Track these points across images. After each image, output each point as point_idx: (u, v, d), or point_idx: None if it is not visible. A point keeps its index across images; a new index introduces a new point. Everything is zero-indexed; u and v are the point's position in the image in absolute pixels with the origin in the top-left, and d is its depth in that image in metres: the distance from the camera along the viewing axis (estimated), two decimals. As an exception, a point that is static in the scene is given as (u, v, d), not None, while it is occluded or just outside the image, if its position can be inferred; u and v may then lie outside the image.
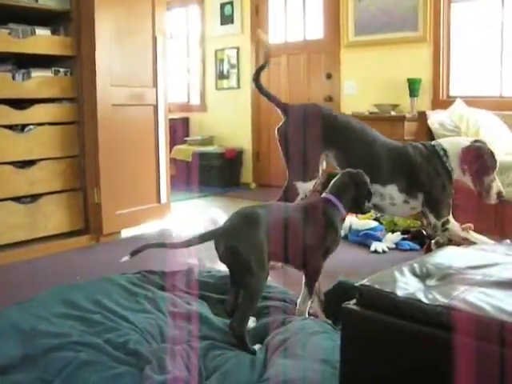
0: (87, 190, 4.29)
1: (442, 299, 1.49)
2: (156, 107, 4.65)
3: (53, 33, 4.16)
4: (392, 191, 3.41)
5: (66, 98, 4.20)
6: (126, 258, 2.22)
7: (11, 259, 3.74)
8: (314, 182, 3.49)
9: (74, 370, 1.90)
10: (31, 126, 4.00)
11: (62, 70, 4.19)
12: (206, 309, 2.50)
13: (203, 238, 2.25)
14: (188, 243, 2.26)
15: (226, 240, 2.18)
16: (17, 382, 1.84)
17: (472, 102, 4.97)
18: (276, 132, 3.52)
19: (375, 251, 3.98)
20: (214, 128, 7.46)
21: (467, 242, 3.30)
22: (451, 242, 3.43)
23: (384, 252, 3.97)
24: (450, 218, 3.40)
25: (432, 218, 3.40)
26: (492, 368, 1.36)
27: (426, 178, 3.36)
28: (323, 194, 2.52)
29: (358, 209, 2.58)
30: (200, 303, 2.56)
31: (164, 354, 1.98)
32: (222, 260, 2.23)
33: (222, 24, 7.33)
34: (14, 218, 3.87)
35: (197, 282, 2.76)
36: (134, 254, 2.22)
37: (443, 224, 3.38)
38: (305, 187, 3.46)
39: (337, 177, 2.55)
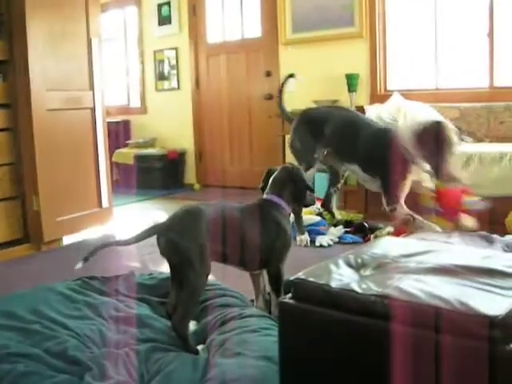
0: (26, 197, 4.19)
1: (375, 288, 1.51)
2: (93, 110, 4.57)
3: (-17, 38, 4.04)
4: (356, 169, 3.82)
5: (-1, 104, 4.10)
6: (79, 265, 2.17)
7: None
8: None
9: (12, 382, 1.84)
10: (-37, 134, 3.89)
11: (-6, 75, 4.08)
12: (148, 311, 2.48)
13: (148, 233, 2.24)
14: (135, 239, 2.24)
15: (168, 234, 2.18)
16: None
17: (409, 95, 5.08)
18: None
19: (320, 245, 4.01)
20: (156, 130, 7.39)
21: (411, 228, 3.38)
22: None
23: (329, 245, 4.01)
24: (399, 206, 3.47)
25: (384, 202, 3.49)
26: (428, 355, 1.38)
27: (378, 163, 3.47)
28: (264, 195, 2.52)
29: (300, 202, 2.60)
30: (141, 306, 2.53)
31: (104, 360, 1.94)
32: (163, 254, 2.22)
33: (159, 25, 7.26)
34: (-52, 230, 3.76)
35: (137, 285, 2.72)
36: (86, 259, 2.18)
37: (391, 210, 3.46)
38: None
39: (275, 173, 2.56)
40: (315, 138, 3.97)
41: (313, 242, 4.07)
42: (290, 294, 1.60)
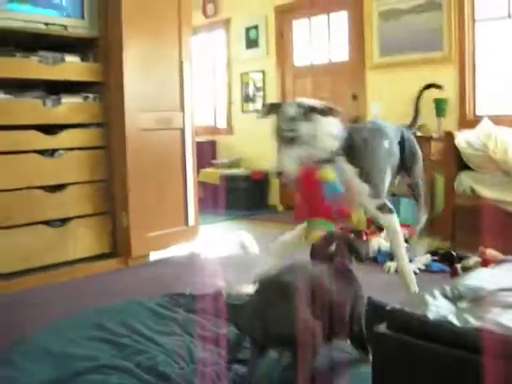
0: (116, 213, 4.33)
1: (474, 322, 1.47)
2: (183, 131, 4.68)
3: (82, 59, 4.23)
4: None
5: (94, 123, 4.26)
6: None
7: (41, 282, 3.79)
8: None
9: (105, 393, 1.91)
10: (61, 151, 4.06)
11: (90, 95, 4.25)
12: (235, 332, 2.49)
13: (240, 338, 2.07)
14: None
15: (265, 326, 1.89)
16: (48, 406, 1.85)
17: (499, 120, 4.92)
18: None
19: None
20: (241, 150, 7.49)
21: None
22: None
23: (416, 273, 3.92)
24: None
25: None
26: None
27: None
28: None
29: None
30: (229, 327, 2.55)
31: (194, 377, 1.97)
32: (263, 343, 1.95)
33: (247, 48, 7.41)
34: (43, 242, 3.92)
35: (225, 306, 2.75)
36: None
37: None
38: None
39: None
40: None
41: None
42: (385, 324, 1.58)
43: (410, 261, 4.03)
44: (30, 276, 3.81)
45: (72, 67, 4.10)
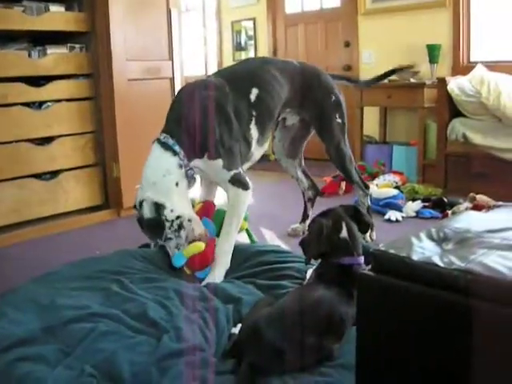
0: (106, 164, 4.31)
1: (458, 263, 1.46)
2: (172, 80, 4.62)
3: (67, 9, 4.13)
4: None
5: (81, 74, 4.20)
6: None
7: (33, 235, 3.80)
8: None
9: (93, 341, 1.92)
10: (49, 103, 4.01)
11: (77, 46, 4.18)
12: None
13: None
14: None
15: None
16: (38, 354, 1.86)
17: (494, 67, 4.86)
18: None
19: (389, 219, 3.95)
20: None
21: None
22: None
23: (398, 221, 3.93)
24: None
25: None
26: (510, 332, 1.34)
27: None
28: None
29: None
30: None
31: (181, 323, 1.99)
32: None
33: (237, -6, 7.26)
34: (34, 195, 3.91)
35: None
36: None
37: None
38: None
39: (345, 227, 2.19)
40: None
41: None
42: (369, 266, 1.58)
43: (400, 209, 4.05)
44: (22, 229, 3.82)
45: (57, 17, 4.01)
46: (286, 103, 3.13)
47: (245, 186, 2.71)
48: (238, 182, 2.70)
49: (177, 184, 2.60)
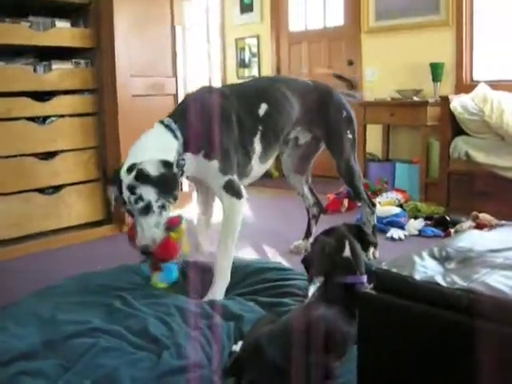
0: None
1: (461, 282, 1.46)
2: (176, 97, 4.64)
3: (72, 25, 4.16)
4: None
5: (86, 89, 4.22)
6: None
7: (35, 249, 3.79)
8: None
9: (94, 356, 1.91)
10: (53, 118, 4.03)
11: (82, 61, 4.20)
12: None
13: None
14: None
15: None
16: (38, 368, 1.85)
17: (497, 85, 4.87)
18: None
19: (391, 238, 3.94)
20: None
21: None
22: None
23: (400, 239, 3.92)
24: None
25: None
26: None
27: None
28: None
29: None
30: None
31: (182, 340, 1.98)
32: None
33: (241, 13, 7.30)
34: (37, 209, 3.91)
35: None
36: None
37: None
38: None
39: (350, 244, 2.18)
40: None
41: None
42: (371, 285, 1.57)
43: (403, 227, 4.04)
44: (25, 243, 3.82)
45: (63, 33, 4.04)
46: (297, 122, 3.16)
47: (239, 195, 2.69)
48: (232, 190, 2.69)
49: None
